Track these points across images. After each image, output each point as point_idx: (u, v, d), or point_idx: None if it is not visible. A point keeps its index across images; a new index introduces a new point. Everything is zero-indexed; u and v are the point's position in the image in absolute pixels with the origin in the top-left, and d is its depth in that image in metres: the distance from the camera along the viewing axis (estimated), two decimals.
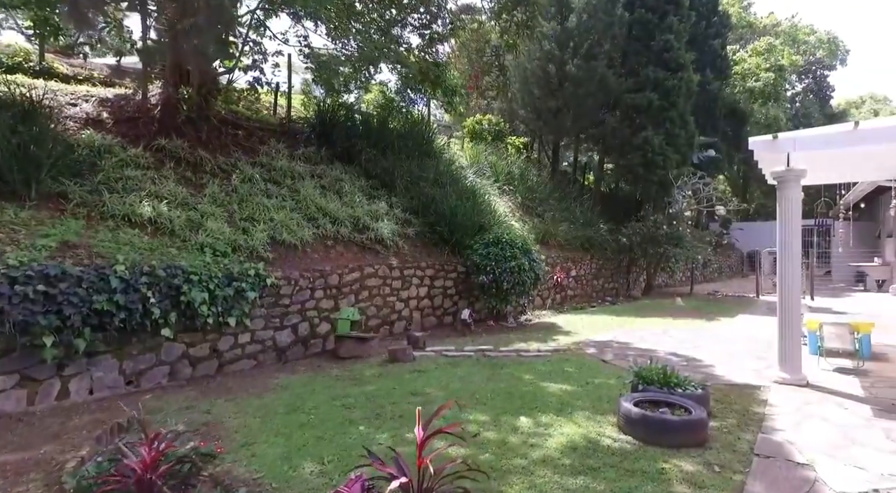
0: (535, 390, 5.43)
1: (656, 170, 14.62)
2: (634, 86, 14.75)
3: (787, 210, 5.67)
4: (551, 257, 13.48)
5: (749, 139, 5.85)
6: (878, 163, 8.22)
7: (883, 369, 6.48)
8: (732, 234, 24.35)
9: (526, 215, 14.60)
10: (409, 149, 12.57)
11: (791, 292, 5.76)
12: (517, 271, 9.90)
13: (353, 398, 5.10)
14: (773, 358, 6.62)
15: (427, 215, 11.06)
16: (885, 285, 16.72)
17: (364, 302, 8.79)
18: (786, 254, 5.73)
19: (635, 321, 10.61)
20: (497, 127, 17.40)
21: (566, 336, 8.98)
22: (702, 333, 9.21)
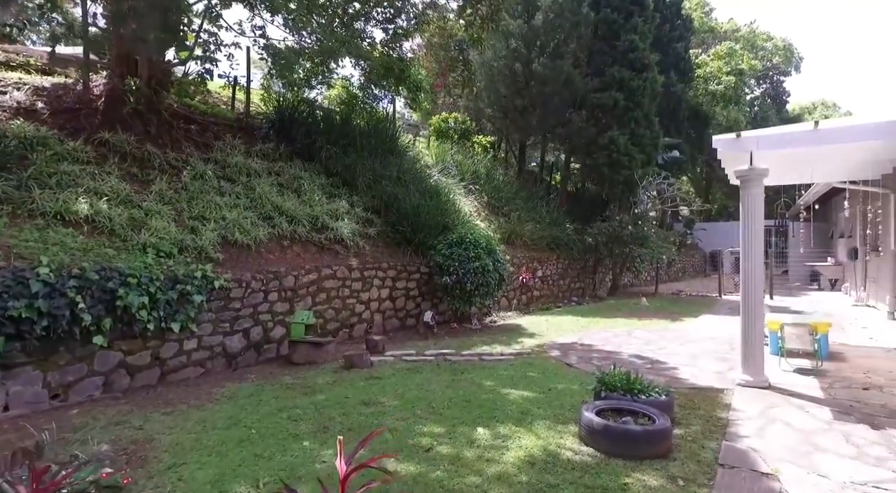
0: (496, 397, 5.20)
1: (622, 170, 14.64)
2: (600, 85, 14.75)
3: (750, 209, 5.59)
4: (517, 257, 13.34)
5: (713, 137, 5.76)
6: (833, 165, 8.32)
7: (839, 368, 6.50)
8: (695, 234, 24.77)
9: (492, 215, 14.43)
10: (373, 146, 12.24)
11: (754, 293, 5.69)
12: (481, 272, 9.69)
13: (302, 409, 4.77)
14: (736, 359, 6.57)
15: (389, 215, 10.77)
16: (838, 285, 17.19)
17: (322, 305, 8.44)
18: (749, 253, 5.65)
19: (601, 322, 10.54)
20: (463, 125, 17.18)
21: (530, 338, 8.81)
22: (666, 334, 9.17)
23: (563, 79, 14.27)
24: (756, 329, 5.70)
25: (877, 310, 11.65)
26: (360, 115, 14.03)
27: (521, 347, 8.08)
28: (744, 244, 5.66)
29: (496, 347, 8.06)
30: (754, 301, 5.68)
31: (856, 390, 5.57)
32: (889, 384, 5.76)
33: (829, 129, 5.19)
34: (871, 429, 4.43)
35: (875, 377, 6.07)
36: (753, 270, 5.65)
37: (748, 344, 5.72)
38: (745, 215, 5.63)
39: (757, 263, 5.64)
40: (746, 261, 5.68)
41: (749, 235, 5.62)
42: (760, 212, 5.60)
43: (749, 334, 5.72)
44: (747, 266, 5.68)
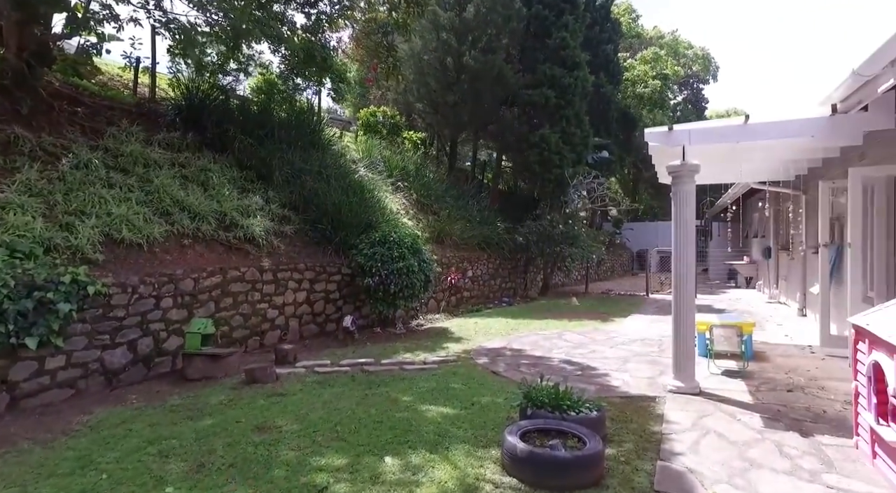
0: (412, 416, 4.62)
1: (553, 168, 14.49)
2: (532, 82, 14.53)
3: (682, 206, 5.33)
4: (446, 256, 12.87)
5: (646, 130, 5.48)
6: (758, 164, 8.37)
7: (763, 369, 6.43)
8: (623, 233, 25.35)
9: (420, 213, 13.88)
10: (293, 139, 11.38)
11: (685, 293, 5.44)
12: (406, 273, 9.10)
13: (179, 440, 3.98)
14: (667, 363, 6.35)
15: (309, 212, 9.97)
16: (753, 282, 17.98)
17: (227, 311, 7.56)
18: (681, 253, 5.39)
19: (531, 324, 10.22)
20: (392, 120, 16.52)
21: (457, 343, 8.32)
22: (596, 335, 8.95)
23: (495, 74, 13.93)
24: (687, 334, 5.46)
25: (788, 307, 12.08)
26: (281, 105, 13.09)
27: (446, 353, 7.56)
28: (676, 243, 5.40)
29: (420, 354, 7.50)
30: (686, 305, 5.43)
31: (781, 392, 5.45)
32: (809, 385, 5.70)
33: (758, 123, 5.00)
34: (800, 437, 4.23)
35: (796, 378, 6.01)
36: (686, 270, 5.40)
37: (679, 350, 5.47)
38: (678, 213, 5.37)
39: (689, 262, 5.39)
40: (679, 261, 5.42)
41: (681, 234, 5.36)
42: (692, 209, 5.35)
43: (680, 340, 5.47)
44: (679, 266, 5.42)
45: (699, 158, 5.38)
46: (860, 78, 4.35)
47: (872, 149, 6.70)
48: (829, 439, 4.18)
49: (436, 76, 15.10)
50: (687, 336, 5.44)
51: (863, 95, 4.57)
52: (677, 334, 5.50)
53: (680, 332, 5.47)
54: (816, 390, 5.52)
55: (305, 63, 12.37)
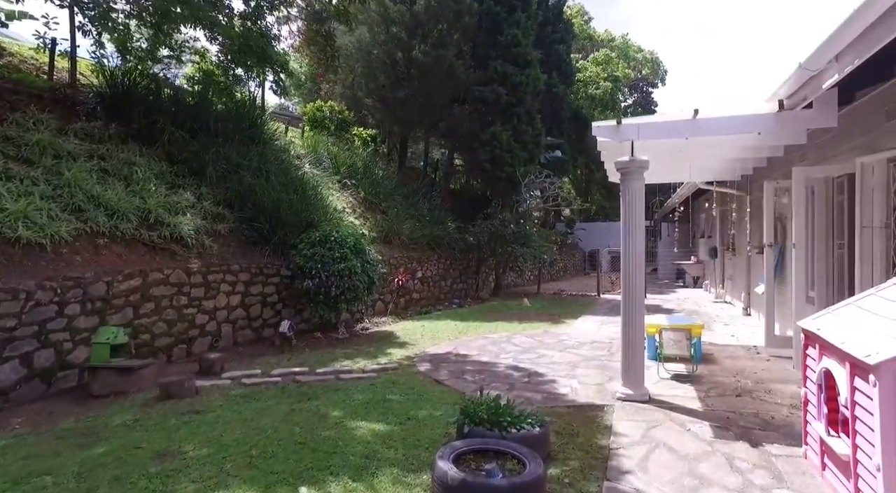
0: (339, 435, 4.17)
1: (504, 166, 14.25)
2: (483, 79, 14.25)
3: (631, 204, 5.08)
4: (395, 257, 12.42)
5: (593, 124, 5.20)
6: (706, 163, 8.32)
7: (712, 372, 6.30)
8: (576, 233, 25.51)
9: (368, 212, 13.37)
10: (230, 132, 10.69)
11: (634, 297, 5.19)
12: (348, 275, 8.61)
13: (55, 476, 3.38)
14: (616, 367, 6.13)
15: (245, 209, 9.34)
16: (699, 282, 18.33)
17: (148, 317, 6.89)
18: (630, 252, 5.14)
19: (480, 327, 9.90)
20: (340, 115, 15.90)
21: (401, 349, 7.89)
22: (546, 338, 8.70)
23: (446, 69, 13.57)
24: (636, 340, 5.22)
25: (733, 306, 12.24)
26: (220, 97, 12.32)
27: (388, 360, 7.12)
28: (625, 243, 5.15)
29: (360, 361, 7.03)
30: (635, 310, 5.19)
31: (730, 397, 5.29)
32: (756, 389, 5.58)
33: (707, 119, 4.81)
34: (750, 447, 4.03)
35: (743, 381, 5.89)
36: (635, 272, 5.16)
37: (628, 356, 5.22)
38: (627, 211, 5.12)
39: (638, 263, 5.15)
40: (628, 262, 5.17)
41: (630, 233, 5.11)
42: (641, 207, 5.12)
43: (629, 346, 5.23)
44: (629, 268, 5.17)
45: (648, 155, 5.16)
46: (806, 72, 4.19)
47: (812, 149, 6.69)
48: (778, 448, 3.99)
49: (385, 71, 14.61)
50: (636, 342, 5.21)
51: (808, 90, 4.43)
52: (626, 340, 5.26)
53: (629, 338, 5.23)
54: (763, 393, 5.39)
55: (243, 53, 11.66)
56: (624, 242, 5.14)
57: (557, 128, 20.73)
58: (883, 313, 3.11)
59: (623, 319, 5.30)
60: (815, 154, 6.64)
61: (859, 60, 3.64)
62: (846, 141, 5.84)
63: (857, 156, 5.54)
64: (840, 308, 3.63)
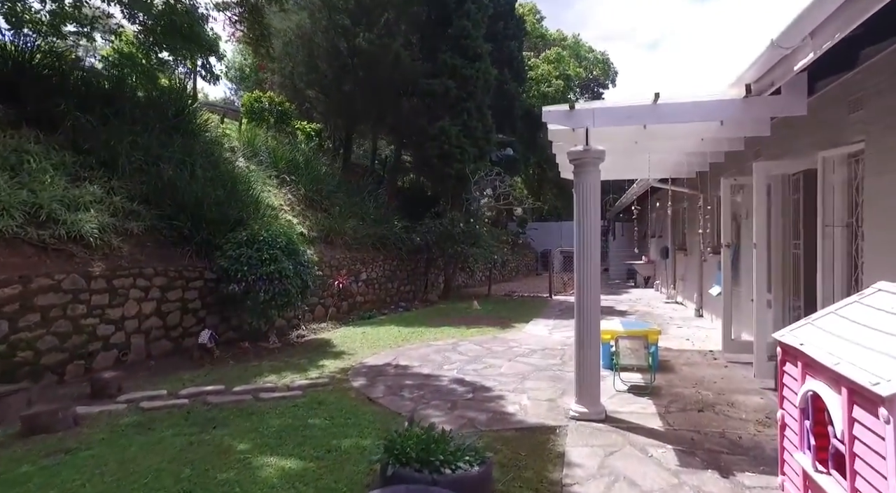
0: (239, 477, 3.39)
1: (453, 163, 13.63)
2: (432, 71, 13.58)
3: (585, 199, 4.52)
4: (336, 258, 11.60)
5: (543, 109, 4.62)
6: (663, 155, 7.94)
7: (671, 382, 5.86)
8: (528, 233, 25.23)
9: (309, 210, 12.48)
10: (152, 121, 9.63)
11: (589, 303, 4.63)
12: (278, 278, 7.76)
13: None
14: (570, 377, 5.59)
15: (164, 206, 8.34)
16: (651, 282, 18.30)
17: (31, 331, 5.87)
18: (584, 253, 4.58)
19: (425, 333, 9.23)
20: (280, 107, 14.89)
21: (337, 360, 7.12)
22: (495, 345, 8.12)
23: (392, 59, 12.83)
24: (591, 353, 4.66)
25: (685, 307, 12.06)
26: (142, 82, 11.18)
27: (319, 374, 6.34)
28: (579, 243, 4.59)
29: (287, 375, 6.22)
30: (589, 319, 4.63)
31: (692, 412, 4.82)
32: (718, 401, 5.14)
33: (668, 104, 4.30)
34: (720, 476, 3.52)
35: (704, 392, 5.46)
36: (589, 275, 4.60)
37: (583, 370, 4.66)
38: (581, 207, 4.55)
39: (593, 265, 4.60)
40: (582, 263, 4.60)
41: (584, 232, 4.55)
42: (597, 203, 4.56)
43: (584, 360, 4.66)
44: (583, 270, 4.60)
45: (603, 146, 4.62)
46: (778, 52, 3.73)
47: (772, 144, 6.37)
48: (751, 478, 3.49)
49: (328, 60, 13.72)
50: (590, 356, 4.65)
51: (777, 74, 3.99)
52: (581, 352, 4.70)
53: (583, 350, 4.67)
54: (726, 407, 4.95)
55: (167, 34, 10.58)
56: (578, 242, 4.58)
57: (509, 125, 20.32)
58: (877, 325, 2.62)
59: (577, 330, 4.74)
60: (776, 149, 6.31)
61: (840, 34, 3.19)
62: (807, 135, 5.51)
63: (818, 150, 5.19)
64: (821, 318, 3.15)
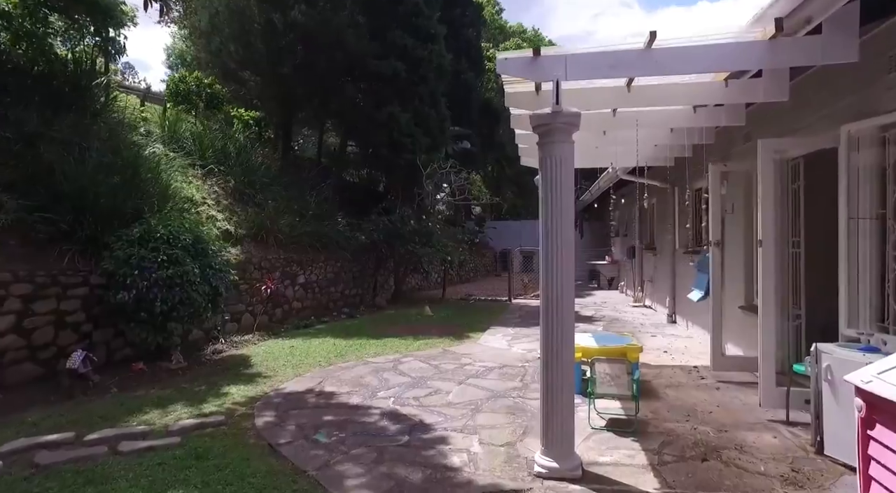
0: None
1: (404, 153, 12.32)
2: (379, 51, 12.23)
3: (554, 179, 3.29)
4: (269, 259, 10.14)
5: (498, 56, 3.39)
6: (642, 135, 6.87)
7: (658, 413, 4.73)
8: (487, 232, 24.14)
9: (238, 204, 10.95)
10: (29, 93, 7.99)
11: (560, 310, 3.42)
12: (179, 284, 6.30)
13: None
14: (532, 407, 4.41)
15: (37, 194, 6.75)
16: (615, 283, 17.47)
17: None
18: (553, 249, 3.33)
19: (366, 346, 7.91)
20: (209, 89, 13.24)
21: (248, 385, 5.71)
22: (444, 362, 6.86)
23: (334, 36, 11.42)
24: (562, 378, 3.45)
25: (655, 311, 11.15)
26: (25, 49, 9.43)
27: (218, 406, 4.93)
28: (546, 236, 3.34)
29: (173, 410, 4.79)
30: (560, 332, 3.42)
31: (693, 462, 3.66)
32: (722, 442, 4.01)
33: (669, 48, 3.14)
34: None
35: (701, 428, 4.33)
36: (560, 276, 3.37)
37: (552, 404, 3.44)
38: (549, 191, 3.31)
39: (565, 264, 3.37)
40: (550, 262, 3.36)
41: (554, 221, 3.31)
42: (570, 183, 3.34)
43: (553, 387, 3.44)
44: (551, 271, 3.37)
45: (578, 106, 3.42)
46: None
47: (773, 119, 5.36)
48: None
49: (263, 37, 12.19)
50: (561, 386, 3.44)
51: (819, 4, 2.88)
52: (548, 378, 3.48)
53: (551, 375, 3.46)
54: (735, 452, 3.83)
55: None
56: (545, 236, 3.34)
57: (467, 118, 19.17)
58: None
59: (543, 349, 3.53)
60: (776, 126, 5.31)
61: None
62: (823, 104, 4.50)
63: (840, 123, 4.17)
64: None
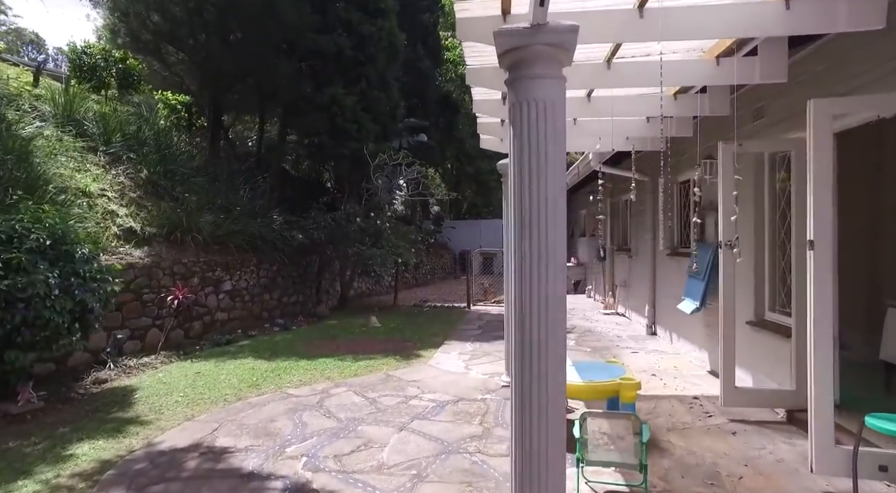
0: None
1: (349, 141, 10.81)
2: (322, 25, 10.69)
3: (536, 139, 1.94)
4: (184, 262, 8.51)
5: None
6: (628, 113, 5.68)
7: (670, 481, 3.47)
8: (445, 233, 22.78)
9: (150, 198, 9.25)
10: None
11: (543, 337, 2.08)
12: (25, 300, 4.68)
13: None
14: (498, 468, 3.07)
15: None
16: (581, 286, 16.44)
17: None
18: (533, 253, 2.00)
19: (291, 370, 6.41)
20: (121, 64, 11.40)
21: (111, 439, 4.15)
22: (384, 394, 5.45)
23: (265, 5, 9.84)
24: (549, 454, 2.12)
25: (630, 320, 10.04)
26: None
27: (43, 485, 3.39)
28: (523, 229, 1.98)
29: None
30: (544, 368, 2.07)
31: None
32: None
33: None
34: None
35: None
36: (543, 283, 2.02)
37: (529, 484, 2.11)
38: (527, 157, 1.95)
39: (553, 265, 2.03)
40: (527, 262, 2.00)
41: (535, 208, 1.96)
42: (560, 145, 2.01)
43: (532, 458, 2.10)
44: (529, 274, 2.00)
45: None
46: None
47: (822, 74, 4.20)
48: None
49: (186, 5, 10.49)
50: (546, 458, 2.10)
51: None
52: (525, 453, 2.13)
53: (531, 445, 2.11)
54: None
55: None
56: (520, 232, 1.99)
57: (423, 109, 17.81)
58: None
59: (516, 389, 2.16)
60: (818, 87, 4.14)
61: None
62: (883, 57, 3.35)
63: None
64: None
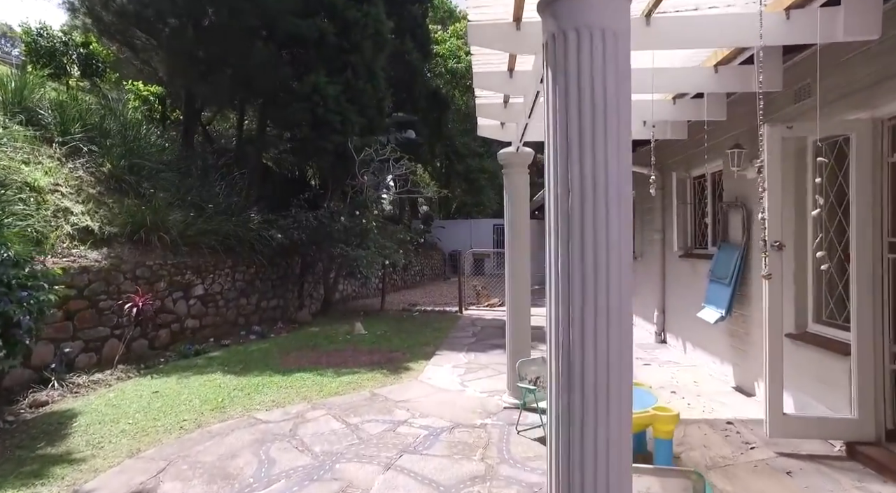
0: None
1: (332, 134, 10.03)
2: (302, 8, 9.90)
3: (587, 85, 1.26)
4: (149, 265, 7.71)
5: None
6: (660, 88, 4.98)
7: None
8: (435, 232, 22.04)
9: (112, 194, 8.44)
10: None
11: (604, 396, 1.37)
12: None
13: None
14: None
15: None
16: None
17: None
18: (578, 248, 1.32)
19: (263, 388, 5.64)
20: (83, 49, 10.53)
21: (23, 488, 3.39)
22: (368, 419, 4.70)
23: None
24: None
25: (634, 326, 9.37)
26: None
27: None
28: (564, 219, 1.27)
29: None
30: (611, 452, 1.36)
31: None
32: None
33: None
34: None
35: None
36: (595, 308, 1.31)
37: None
38: (570, 106, 1.27)
39: (619, 285, 1.33)
40: (572, 276, 1.30)
41: (580, 188, 1.27)
42: (626, 94, 1.32)
43: None
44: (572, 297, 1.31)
45: None
46: None
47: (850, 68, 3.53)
48: None
49: None
50: None
51: None
52: None
53: None
54: None
55: None
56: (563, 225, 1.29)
57: (412, 104, 17.07)
58: None
59: (555, 441, 1.46)
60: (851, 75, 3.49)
61: None
62: None
63: None
64: None
